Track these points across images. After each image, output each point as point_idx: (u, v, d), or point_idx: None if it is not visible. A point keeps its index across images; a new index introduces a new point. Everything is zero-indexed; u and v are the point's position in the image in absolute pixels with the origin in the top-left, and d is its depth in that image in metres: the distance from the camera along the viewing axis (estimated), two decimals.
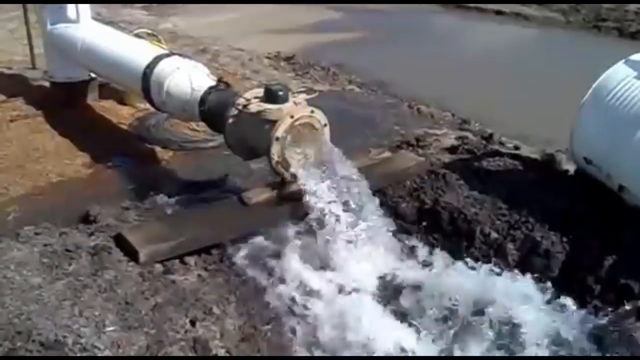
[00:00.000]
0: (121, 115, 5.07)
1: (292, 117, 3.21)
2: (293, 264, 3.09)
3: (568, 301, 2.97)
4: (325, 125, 3.37)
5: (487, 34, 9.66)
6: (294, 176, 3.30)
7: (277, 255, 3.18)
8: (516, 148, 4.56)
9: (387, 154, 4.10)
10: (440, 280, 3.09)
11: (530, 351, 2.72)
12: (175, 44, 7.03)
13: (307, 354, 2.71)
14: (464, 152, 4.34)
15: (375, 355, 2.68)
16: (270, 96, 3.28)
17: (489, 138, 4.74)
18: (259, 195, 3.41)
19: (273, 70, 6.79)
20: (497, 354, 2.74)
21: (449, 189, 3.68)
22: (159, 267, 3.00)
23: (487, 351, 2.74)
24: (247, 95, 3.40)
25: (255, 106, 3.30)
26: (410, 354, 2.70)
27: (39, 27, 5.18)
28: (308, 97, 3.41)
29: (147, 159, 4.45)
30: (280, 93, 3.27)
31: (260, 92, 3.39)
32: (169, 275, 2.96)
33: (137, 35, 4.77)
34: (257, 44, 7.71)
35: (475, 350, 2.73)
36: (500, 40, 9.29)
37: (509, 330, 2.81)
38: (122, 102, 5.23)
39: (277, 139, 3.20)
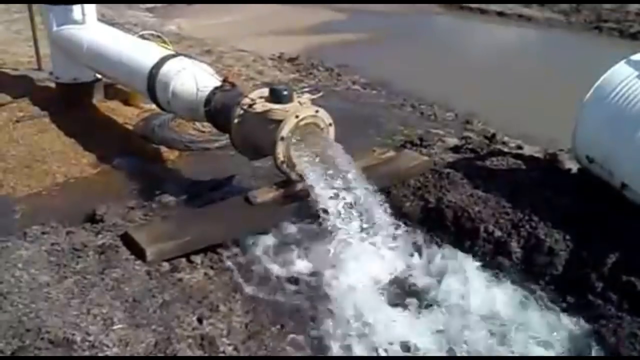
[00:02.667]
0: (127, 115, 5.11)
1: (297, 116, 3.24)
2: (299, 261, 3.12)
3: None
4: (330, 124, 3.40)
5: (490, 35, 9.68)
6: (299, 175, 3.33)
7: (283, 253, 3.20)
8: (519, 148, 4.59)
9: (391, 153, 4.12)
10: None
11: None
12: (180, 46, 7.07)
13: (312, 353, 2.73)
14: (467, 151, 4.37)
15: (376, 355, 2.70)
16: (275, 96, 3.31)
17: (491, 138, 4.77)
18: (264, 194, 3.43)
19: (277, 71, 6.83)
20: None
21: (452, 187, 3.69)
22: (165, 266, 3.03)
23: None
24: (252, 95, 3.43)
25: (260, 106, 3.32)
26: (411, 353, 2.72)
27: (45, 29, 5.22)
28: (313, 97, 3.43)
29: (152, 159, 4.49)
30: (285, 93, 3.30)
31: (265, 92, 3.42)
32: (176, 274, 2.98)
33: (143, 37, 4.79)
34: (261, 46, 7.74)
35: None
36: (503, 41, 9.32)
37: None
38: (127, 102, 5.26)
39: (282, 138, 3.23)
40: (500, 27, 9.85)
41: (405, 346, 2.72)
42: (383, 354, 2.69)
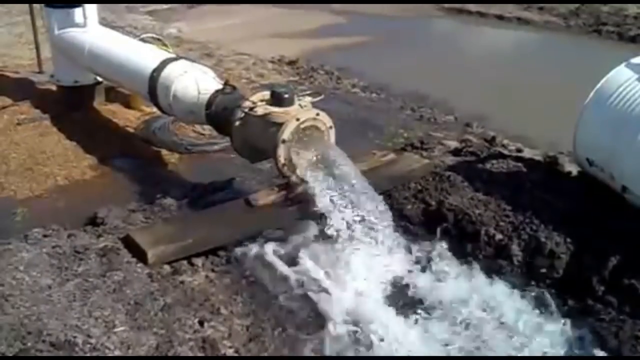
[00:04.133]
0: (127, 118, 5.10)
1: (298, 119, 3.25)
2: (300, 265, 3.12)
3: None
4: (330, 127, 3.41)
5: (489, 38, 9.69)
6: (300, 178, 3.33)
7: (284, 256, 3.20)
8: (519, 150, 4.59)
9: (391, 156, 4.13)
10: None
11: None
12: (180, 49, 7.07)
13: (313, 355, 2.73)
14: (468, 154, 4.37)
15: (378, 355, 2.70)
16: (276, 99, 3.32)
17: (491, 140, 4.76)
18: (265, 197, 3.44)
19: (277, 74, 6.83)
20: None
21: (453, 190, 3.70)
22: (167, 268, 3.03)
23: None
24: (253, 98, 3.45)
25: (261, 109, 3.33)
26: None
27: (46, 32, 5.23)
28: (314, 99, 3.44)
29: (153, 161, 4.49)
30: (286, 96, 3.31)
31: (266, 95, 3.43)
32: (177, 276, 2.99)
33: (143, 40, 4.80)
34: (261, 49, 7.74)
35: None
36: (502, 44, 9.33)
37: None
38: (128, 105, 5.26)
39: (283, 141, 3.23)
40: (499, 31, 9.86)
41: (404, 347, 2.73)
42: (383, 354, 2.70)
